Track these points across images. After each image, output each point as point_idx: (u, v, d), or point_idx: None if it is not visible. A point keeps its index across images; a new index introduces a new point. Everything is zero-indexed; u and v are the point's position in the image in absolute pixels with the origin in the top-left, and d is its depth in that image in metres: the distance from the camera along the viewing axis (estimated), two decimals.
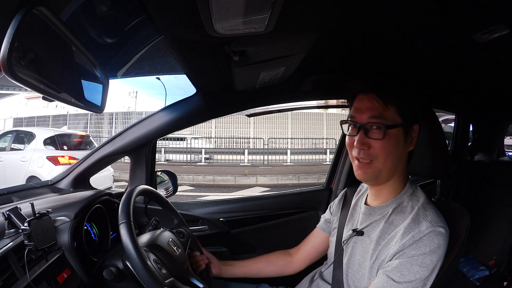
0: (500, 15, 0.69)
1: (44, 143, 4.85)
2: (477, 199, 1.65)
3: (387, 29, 0.78)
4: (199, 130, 12.06)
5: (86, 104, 0.60)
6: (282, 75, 0.98)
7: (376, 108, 0.70)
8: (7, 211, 0.71)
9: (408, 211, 0.73)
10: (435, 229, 0.67)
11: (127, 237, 0.69)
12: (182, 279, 0.81)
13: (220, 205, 1.34)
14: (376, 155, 0.70)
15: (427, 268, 0.65)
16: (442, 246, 0.67)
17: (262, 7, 0.53)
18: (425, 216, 0.70)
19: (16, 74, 0.40)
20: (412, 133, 0.73)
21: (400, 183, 0.77)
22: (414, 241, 0.67)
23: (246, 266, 1.04)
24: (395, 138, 0.70)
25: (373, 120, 0.70)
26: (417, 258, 0.66)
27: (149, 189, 0.92)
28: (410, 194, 0.76)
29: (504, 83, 1.27)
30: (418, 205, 0.73)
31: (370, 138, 0.70)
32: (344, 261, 0.81)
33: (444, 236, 0.67)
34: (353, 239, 0.80)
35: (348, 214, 0.88)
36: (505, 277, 1.53)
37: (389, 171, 0.73)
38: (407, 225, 0.69)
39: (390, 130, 0.69)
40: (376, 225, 0.76)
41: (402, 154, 0.74)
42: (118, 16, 0.78)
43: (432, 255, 0.65)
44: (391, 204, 0.76)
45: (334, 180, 1.50)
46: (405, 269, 0.66)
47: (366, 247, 0.76)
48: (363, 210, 0.82)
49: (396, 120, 0.70)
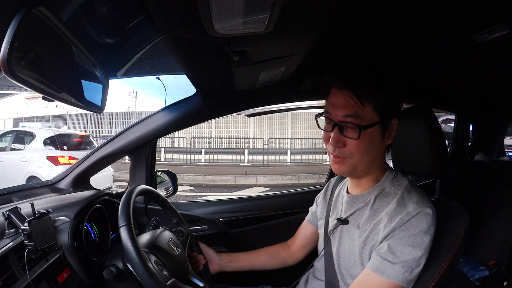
0: (500, 15, 0.69)
1: (44, 143, 4.86)
2: (477, 199, 1.65)
3: (387, 29, 0.78)
4: (199, 130, 12.05)
5: (86, 104, 0.60)
6: (282, 75, 0.98)
7: (351, 106, 0.67)
8: (7, 211, 0.71)
9: (391, 195, 0.72)
10: (422, 210, 0.67)
11: (128, 240, 0.69)
12: (182, 278, 0.81)
13: (220, 205, 1.34)
14: (350, 153, 0.69)
15: (419, 247, 0.65)
16: (432, 226, 0.67)
17: (262, 7, 0.53)
18: (410, 198, 0.69)
19: (16, 74, 0.40)
20: (390, 128, 0.72)
21: (379, 171, 0.77)
22: (403, 223, 0.67)
23: (248, 259, 1.04)
24: (371, 137, 0.68)
25: (348, 119, 0.67)
26: (407, 239, 0.66)
27: (149, 189, 0.92)
28: (391, 179, 0.76)
29: (504, 83, 1.27)
30: (401, 189, 0.73)
31: (345, 136, 0.68)
32: (334, 251, 0.80)
33: (432, 216, 0.67)
34: (339, 228, 0.79)
35: (332, 204, 0.88)
36: (505, 277, 1.53)
37: (365, 166, 0.72)
38: (394, 209, 0.69)
39: (366, 130, 0.67)
40: (361, 212, 0.76)
41: (379, 149, 0.73)
42: (118, 16, 0.77)
43: (422, 236, 0.66)
44: (373, 192, 0.76)
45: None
46: (397, 251, 0.66)
47: (353, 235, 0.76)
48: (346, 199, 0.81)
49: (372, 118, 0.68)
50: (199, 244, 1.03)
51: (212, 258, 1.02)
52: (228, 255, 1.04)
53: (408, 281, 0.67)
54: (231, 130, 12.64)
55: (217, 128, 12.63)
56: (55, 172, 3.90)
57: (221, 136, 12.38)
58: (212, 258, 1.02)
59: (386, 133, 0.72)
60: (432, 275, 0.71)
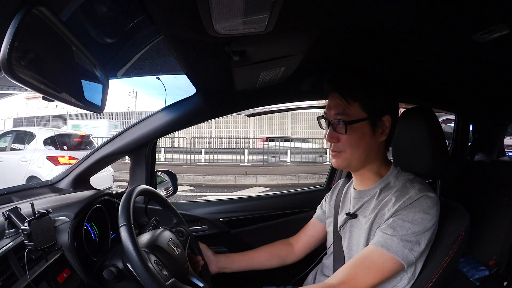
0: (500, 15, 0.69)
1: (44, 143, 4.85)
2: (477, 199, 1.65)
3: (387, 29, 0.78)
4: (198, 130, 12.05)
5: (86, 104, 0.60)
6: (282, 75, 0.98)
7: (339, 105, 0.77)
8: (7, 211, 0.70)
9: (395, 187, 0.78)
10: (425, 194, 0.72)
11: (128, 240, 0.69)
12: (182, 278, 0.81)
13: (220, 205, 1.34)
14: (343, 147, 0.78)
15: (418, 224, 0.69)
16: (434, 208, 0.71)
17: (262, 7, 0.53)
18: (413, 187, 0.75)
19: (16, 74, 0.40)
20: (382, 125, 0.78)
21: (382, 167, 0.82)
22: (405, 205, 0.72)
23: (247, 260, 1.04)
24: (360, 132, 0.76)
25: (337, 116, 0.77)
26: (407, 215, 0.70)
27: (149, 189, 0.92)
28: (395, 174, 0.81)
29: (504, 83, 1.27)
30: (405, 180, 0.78)
31: (337, 132, 0.78)
32: (344, 246, 0.84)
33: (435, 201, 0.72)
34: (348, 223, 0.84)
35: (341, 201, 0.92)
36: (505, 277, 1.53)
37: (359, 160, 0.79)
38: (397, 195, 0.74)
39: (353, 125, 0.75)
40: (368, 205, 0.81)
41: (372, 144, 0.79)
42: (118, 16, 0.78)
43: (423, 214, 0.70)
44: (379, 185, 0.81)
45: (334, 180, 1.50)
46: (397, 226, 0.70)
47: (361, 227, 0.80)
48: (353, 195, 0.86)
49: (359, 115, 0.76)
50: (199, 244, 1.03)
51: (210, 260, 1.02)
52: (226, 257, 1.04)
53: (408, 259, 0.69)
54: (231, 130, 12.64)
55: (217, 128, 12.64)
56: (55, 172, 3.90)
57: (221, 136, 12.38)
58: (211, 259, 1.02)
59: (378, 129, 0.78)
60: (431, 274, 0.71)
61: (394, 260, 0.69)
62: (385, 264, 0.69)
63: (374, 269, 0.70)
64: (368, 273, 0.70)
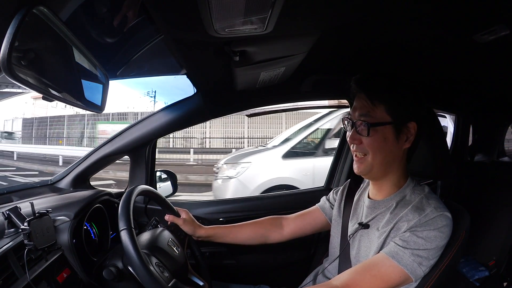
0: (501, 16, 0.69)
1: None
2: (477, 200, 1.65)
3: (387, 29, 0.78)
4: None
5: (86, 104, 0.60)
6: (282, 76, 0.98)
7: (364, 107, 0.75)
8: (7, 211, 0.70)
9: (412, 202, 0.76)
10: (441, 213, 0.71)
11: (129, 244, 0.69)
12: (182, 278, 0.81)
13: (220, 205, 1.34)
14: (366, 150, 0.75)
15: (431, 242, 0.69)
16: (448, 227, 0.71)
17: (262, 7, 0.53)
18: (428, 204, 0.73)
19: (16, 74, 0.40)
20: (406, 131, 0.75)
21: (401, 178, 0.80)
22: (420, 223, 0.70)
23: (231, 238, 1.00)
24: (382, 135, 0.73)
25: (361, 118, 0.75)
26: (422, 232, 0.70)
27: (149, 189, 0.92)
28: (412, 187, 0.79)
29: (505, 83, 1.27)
30: (422, 195, 0.76)
31: (360, 134, 0.75)
32: (352, 255, 0.82)
33: (450, 219, 0.71)
34: (359, 232, 0.82)
35: (352, 208, 0.89)
36: (505, 278, 1.53)
37: (380, 166, 0.76)
38: (413, 212, 0.73)
39: (375, 128, 0.73)
40: (381, 217, 0.78)
41: (395, 151, 0.76)
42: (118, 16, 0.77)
43: (437, 232, 0.69)
44: (395, 198, 0.78)
45: (334, 180, 1.50)
46: (410, 240, 0.69)
47: (372, 238, 0.78)
48: (367, 204, 0.83)
49: (383, 118, 0.73)
50: (180, 211, 0.98)
51: (184, 219, 0.97)
52: (212, 228, 1.00)
53: (416, 274, 0.69)
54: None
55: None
56: None
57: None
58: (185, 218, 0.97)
59: (402, 136, 0.75)
60: (431, 274, 0.71)
61: (402, 273, 0.68)
62: (392, 276, 0.69)
63: (380, 279, 0.69)
64: (373, 281, 0.70)
